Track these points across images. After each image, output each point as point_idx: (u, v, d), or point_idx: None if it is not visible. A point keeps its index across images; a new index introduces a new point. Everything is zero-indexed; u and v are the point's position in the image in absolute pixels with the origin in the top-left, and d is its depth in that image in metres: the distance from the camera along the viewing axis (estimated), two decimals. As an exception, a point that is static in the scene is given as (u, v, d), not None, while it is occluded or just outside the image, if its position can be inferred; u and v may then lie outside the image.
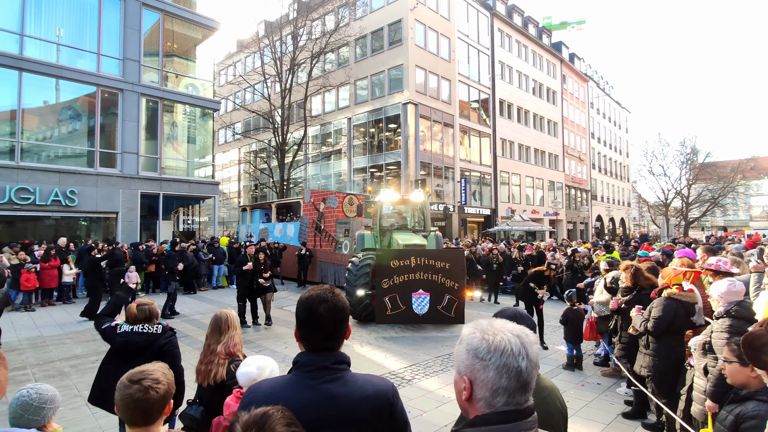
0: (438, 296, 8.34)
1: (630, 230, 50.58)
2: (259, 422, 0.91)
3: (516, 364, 1.00)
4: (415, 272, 8.36)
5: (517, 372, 1.00)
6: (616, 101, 53.22)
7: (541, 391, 1.59)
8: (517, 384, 1.01)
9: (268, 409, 0.95)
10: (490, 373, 1.01)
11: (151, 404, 1.54)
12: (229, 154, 38.86)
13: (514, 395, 1.01)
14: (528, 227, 29.09)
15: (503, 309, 1.71)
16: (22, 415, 2.01)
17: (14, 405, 2.03)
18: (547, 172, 37.13)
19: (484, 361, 1.02)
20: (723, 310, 3.26)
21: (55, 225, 15.88)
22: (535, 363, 1.04)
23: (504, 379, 1.00)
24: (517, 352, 1.01)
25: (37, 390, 2.08)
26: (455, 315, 8.39)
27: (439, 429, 4.42)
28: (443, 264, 8.43)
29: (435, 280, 8.38)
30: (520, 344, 1.02)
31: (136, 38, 15.93)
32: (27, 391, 2.05)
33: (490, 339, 1.03)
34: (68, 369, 6.36)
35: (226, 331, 2.84)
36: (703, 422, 3.35)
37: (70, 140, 15.36)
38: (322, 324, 1.38)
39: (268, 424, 0.90)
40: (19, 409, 2.02)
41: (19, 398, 2.02)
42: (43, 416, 2.06)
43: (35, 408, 2.03)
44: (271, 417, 0.92)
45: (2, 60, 13.14)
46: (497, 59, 32.19)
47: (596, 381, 5.99)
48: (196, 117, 18.90)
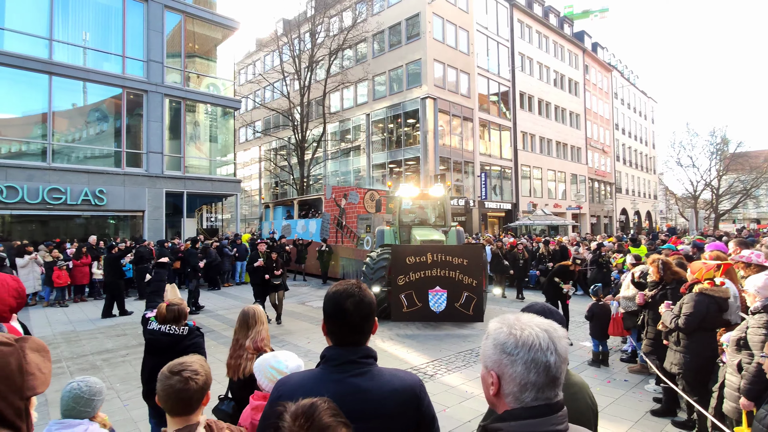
0: (456, 293, 8.17)
1: (656, 224, 49.18)
2: (307, 412, 0.93)
3: (544, 359, 0.99)
4: (431, 269, 8.20)
5: (545, 367, 0.99)
6: (641, 91, 51.67)
7: (570, 387, 1.56)
8: (545, 379, 1.00)
9: (315, 399, 0.97)
10: (518, 368, 1.00)
11: (191, 394, 1.60)
12: (249, 152, 39.42)
13: (543, 390, 1.00)
14: (550, 221, 28.61)
15: (532, 304, 1.69)
16: (74, 407, 2.11)
17: (66, 397, 2.13)
18: (570, 165, 36.39)
19: (512, 356, 1.01)
20: (760, 305, 3.14)
21: (85, 224, 16.42)
22: (563, 358, 1.02)
23: (532, 374, 0.99)
24: (546, 347, 1.00)
25: (87, 383, 2.18)
26: (474, 313, 8.20)
27: (462, 424, 4.41)
28: (461, 260, 8.22)
29: (452, 277, 8.19)
30: (549, 339, 1.01)
31: (159, 40, 16.28)
32: (77, 384, 2.15)
33: (517, 334, 1.02)
34: (100, 362, 6.59)
35: (254, 326, 2.89)
36: (737, 420, 3.25)
37: (98, 141, 15.85)
38: (349, 318, 1.39)
39: (316, 414, 0.93)
40: (71, 401, 2.11)
41: (71, 391, 2.12)
42: (93, 407, 2.16)
43: (86, 400, 2.13)
44: (318, 407, 0.95)
45: (33, 65, 13.62)
46: (517, 51, 31.64)
47: (623, 378, 5.86)
48: (217, 116, 19.22)
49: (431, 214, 11.34)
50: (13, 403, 0.98)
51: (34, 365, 1.04)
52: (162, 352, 3.04)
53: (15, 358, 1.01)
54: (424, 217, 11.17)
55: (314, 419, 0.92)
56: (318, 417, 0.93)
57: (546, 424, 0.99)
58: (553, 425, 0.99)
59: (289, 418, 0.94)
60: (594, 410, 1.63)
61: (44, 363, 1.08)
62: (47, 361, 1.10)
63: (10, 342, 1.03)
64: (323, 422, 0.93)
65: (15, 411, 0.98)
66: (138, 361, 6.54)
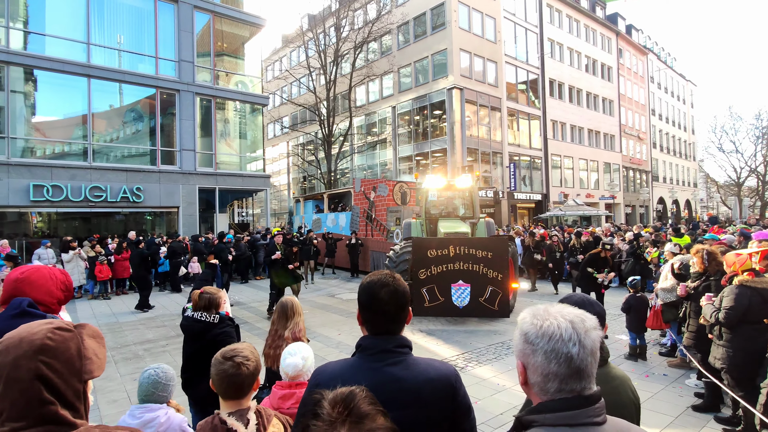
0: (480, 288, 7.82)
1: (696, 213, 47.06)
2: (346, 399, 0.93)
3: (565, 350, 0.99)
4: (454, 262, 7.87)
5: (567, 358, 0.99)
6: (679, 74, 49.27)
7: (612, 380, 1.52)
8: (567, 370, 0.99)
9: (353, 387, 0.97)
10: (539, 357, 1.01)
11: (243, 379, 1.68)
12: (278, 148, 40.05)
13: (566, 381, 1.00)
14: (582, 212, 27.82)
15: (570, 295, 1.65)
16: (153, 392, 2.26)
17: (145, 383, 2.27)
18: (603, 153, 35.20)
19: (533, 345, 1.02)
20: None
21: (124, 220, 17.15)
22: (591, 350, 1.01)
23: (553, 365, 0.99)
24: (567, 338, 0.99)
25: (162, 369, 2.33)
26: (499, 308, 7.82)
27: (493, 417, 4.38)
28: (485, 253, 7.85)
29: (476, 271, 7.84)
30: (572, 330, 1.00)
31: (189, 40, 16.69)
32: (154, 371, 2.30)
33: (538, 323, 1.03)
34: (142, 352, 6.89)
35: (292, 317, 2.98)
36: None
37: (134, 140, 16.47)
38: (384, 307, 1.41)
39: (354, 401, 0.93)
40: (151, 387, 2.26)
41: (149, 377, 2.28)
42: (169, 392, 2.31)
43: (163, 385, 2.28)
44: (356, 395, 0.95)
45: (73, 68, 14.24)
46: (546, 37, 30.72)
47: (662, 372, 5.67)
48: (246, 113, 19.60)
49: (459, 205, 11.13)
50: (73, 386, 1.04)
51: (91, 350, 1.11)
52: (194, 339, 3.14)
53: (75, 342, 1.07)
54: (451, 209, 10.97)
55: (353, 407, 0.92)
56: (356, 405, 0.93)
57: (582, 416, 0.98)
58: (589, 417, 0.98)
59: (327, 406, 0.93)
60: (636, 404, 1.59)
61: (99, 348, 1.15)
62: (102, 347, 1.17)
63: (70, 328, 1.10)
64: (362, 410, 0.92)
65: (74, 393, 1.05)
66: (177, 351, 6.81)
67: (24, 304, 1.97)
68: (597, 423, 0.99)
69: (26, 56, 13.57)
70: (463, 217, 10.46)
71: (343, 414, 0.91)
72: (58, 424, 1.01)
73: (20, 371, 0.98)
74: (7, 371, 0.98)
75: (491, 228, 10.45)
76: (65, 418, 1.01)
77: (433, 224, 10.15)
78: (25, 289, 2.00)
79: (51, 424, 1.00)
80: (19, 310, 1.95)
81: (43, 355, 1.00)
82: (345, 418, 0.90)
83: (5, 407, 0.98)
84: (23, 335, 1.03)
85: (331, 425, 0.89)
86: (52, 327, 1.06)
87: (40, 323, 1.07)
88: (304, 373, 2.23)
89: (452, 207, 10.99)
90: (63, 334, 1.06)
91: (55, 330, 1.06)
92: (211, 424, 1.59)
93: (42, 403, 0.99)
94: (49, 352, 1.01)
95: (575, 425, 0.98)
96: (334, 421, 0.90)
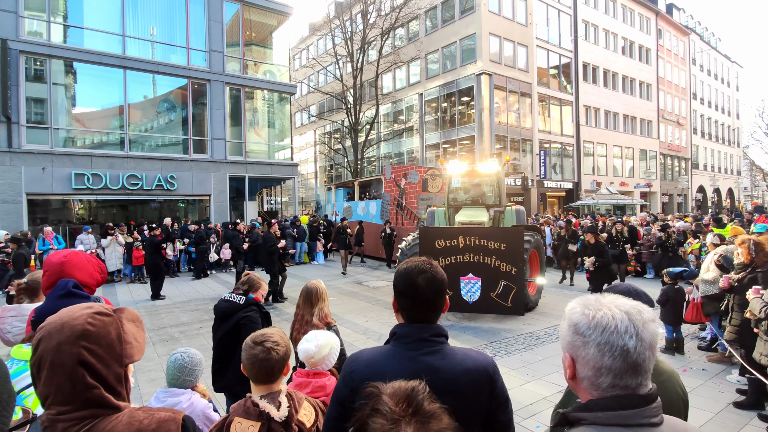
0: (491, 282, 7.28)
1: (739, 202, 44.75)
2: (409, 396, 0.88)
3: (621, 343, 0.92)
4: (463, 253, 7.34)
5: (623, 351, 0.92)
6: (724, 55, 46.52)
7: (659, 375, 1.46)
8: (623, 365, 0.93)
9: (414, 383, 0.92)
10: (591, 350, 0.95)
11: (273, 364, 1.70)
12: (305, 137, 40.36)
13: (621, 377, 0.93)
14: (616, 201, 26.90)
15: (616, 284, 1.59)
16: (179, 376, 2.29)
17: (172, 368, 2.30)
18: (639, 139, 33.80)
19: (584, 337, 0.96)
20: None
21: (159, 207, 17.74)
22: (649, 343, 0.94)
23: (607, 358, 0.93)
24: (623, 330, 0.93)
25: (189, 354, 2.35)
26: (513, 304, 7.26)
27: (522, 407, 4.33)
28: (498, 245, 7.24)
29: (488, 263, 7.27)
30: (628, 321, 0.94)
31: (219, 30, 16.91)
32: (180, 356, 2.32)
33: (590, 314, 0.97)
34: (177, 334, 7.15)
35: (317, 302, 3.00)
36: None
37: (167, 130, 16.92)
38: (421, 295, 1.38)
39: (418, 399, 0.88)
40: (177, 371, 2.29)
41: (176, 361, 2.30)
42: (195, 377, 2.34)
43: (189, 370, 2.30)
44: (420, 392, 0.90)
45: (110, 60, 14.69)
46: (581, 18, 29.52)
47: (701, 366, 5.46)
48: (274, 102, 19.79)
49: (485, 192, 10.34)
50: (115, 370, 1.06)
51: (131, 334, 1.13)
52: (221, 320, 3.18)
53: (114, 327, 1.09)
54: (476, 196, 10.23)
55: (419, 405, 0.87)
56: (421, 402, 0.87)
57: (638, 417, 0.92)
58: (646, 418, 0.92)
59: (389, 401, 0.87)
60: (685, 400, 1.52)
61: (139, 332, 1.17)
62: (141, 331, 1.19)
63: (110, 312, 1.11)
64: (428, 409, 0.87)
65: (116, 377, 1.07)
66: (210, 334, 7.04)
67: (69, 285, 2.06)
68: (654, 424, 0.93)
69: (66, 49, 14.08)
70: (489, 205, 9.80)
71: (409, 412, 0.85)
72: (103, 407, 1.03)
73: (63, 356, 1.00)
74: (51, 356, 1.00)
75: (521, 216, 9.83)
76: (109, 402, 1.04)
77: (456, 213, 9.70)
78: (71, 271, 2.09)
79: (96, 407, 1.02)
80: (65, 291, 2.04)
81: (84, 340, 1.02)
82: (411, 416, 0.84)
83: (51, 392, 1.00)
84: (65, 320, 1.05)
85: (395, 423, 0.83)
86: (92, 312, 1.07)
87: (81, 307, 1.09)
88: (318, 361, 2.19)
89: (477, 194, 10.29)
90: (103, 319, 1.08)
91: (95, 315, 1.07)
92: (243, 406, 1.61)
93: (87, 387, 1.01)
94: (90, 338, 1.03)
95: (630, 425, 0.92)
96: (399, 420, 0.83)
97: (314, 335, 2.30)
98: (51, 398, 1.01)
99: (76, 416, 1.00)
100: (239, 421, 1.57)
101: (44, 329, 1.04)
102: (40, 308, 2.05)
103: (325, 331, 2.44)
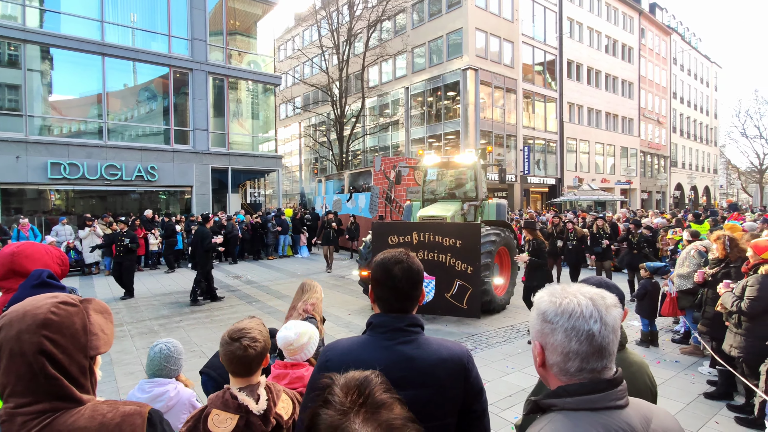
0: (446, 281, 6.77)
1: (715, 199, 46.00)
2: (360, 386, 0.85)
3: (587, 327, 0.95)
4: (417, 250, 6.71)
5: (588, 335, 0.95)
6: (704, 55, 47.54)
7: (629, 366, 1.50)
8: (589, 348, 0.96)
9: (367, 373, 0.90)
10: (559, 336, 0.98)
11: (251, 359, 1.69)
12: (290, 129, 39.95)
13: (588, 360, 0.97)
14: (597, 197, 27.38)
15: (588, 277, 1.62)
16: (165, 366, 2.29)
17: (157, 358, 2.29)
18: (620, 137, 34.41)
19: (552, 324, 0.99)
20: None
21: (139, 198, 17.37)
22: (612, 327, 0.97)
23: (574, 343, 0.96)
24: (588, 315, 0.96)
25: (173, 344, 2.36)
26: (468, 306, 6.75)
27: (502, 399, 4.40)
28: (453, 241, 6.75)
29: (442, 261, 6.80)
30: (593, 307, 0.97)
31: (201, 18, 16.54)
32: (165, 345, 2.33)
33: (557, 301, 1.00)
34: (157, 327, 7.04)
35: (306, 292, 3.07)
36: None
37: (148, 119, 16.55)
38: (397, 284, 1.39)
39: (369, 389, 0.85)
40: (163, 360, 2.28)
41: (160, 351, 2.30)
42: (179, 366, 2.35)
43: (174, 359, 2.31)
44: (371, 381, 0.87)
45: (88, 46, 14.26)
46: (565, 16, 29.79)
47: (674, 359, 5.62)
48: (258, 93, 19.51)
49: (461, 185, 9.64)
50: (78, 361, 1.03)
51: (98, 326, 1.09)
52: None
53: (80, 318, 1.06)
54: (453, 189, 9.58)
55: (369, 395, 0.84)
56: (372, 392, 0.84)
57: (605, 400, 0.95)
58: (612, 401, 0.95)
59: (339, 392, 0.84)
60: (653, 391, 1.56)
61: (107, 324, 1.13)
62: (109, 323, 1.15)
63: (76, 303, 1.08)
64: (379, 399, 0.84)
65: (79, 368, 1.03)
66: (191, 327, 6.96)
67: (44, 276, 1.99)
68: (620, 406, 0.96)
69: (42, 34, 13.61)
70: (466, 198, 9.12)
71: (358, 402, 0.82)
72: (64, 400, 1.00)
73: (23, 345, 0.97)
74: (11, 345, 0.97)
75: (501, 210, 9.31)
76: (72, 394, 1.00)
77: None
78: (23, 262, 2.02)
79: (57, 399, 0.99)
80: (39, 281, 1.97)
81: (46, 329, 0.99)
82: (360, 407, 0.81)
83: (10, 381, 0.97)
84: (27, 309, 1.02)
85: (344, 415, 0.80)
86: (56, 301, 1.04)
87: (46, 296, 1.06)
88: (297, 349, 2.18)
89: (454, 187, 9.63)
90: (68, 308, 1.04)
91: (60, 304, 1.04)
92: (222, 398, 1.59)
93: (47, 378, 0.97)
94: (52, 327, 1.00)
95: (598, 409, 0.94)
96: (347, 411, 0.81)
97: (294, 323, 2.29)
98: (10, 389, 0.97)
99: (36, 409, 0.97)
100: (217, 413, 1.56)
101: (6, 317, 1.01)
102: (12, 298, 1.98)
103: (305, 321, 2.43)
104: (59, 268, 2.15)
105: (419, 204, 9.56)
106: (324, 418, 0.81)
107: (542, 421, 0.98)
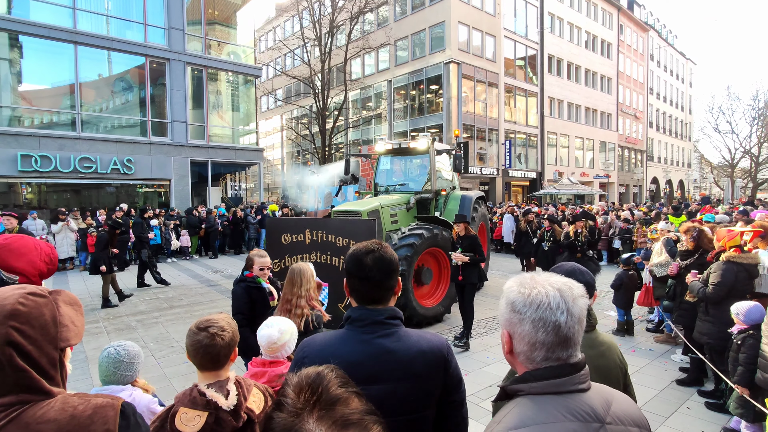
0: (340, 290, 5.42)
1: (689, 193, 47.38)
2: (313, 384, 0.80)
3: (553, 319, 0.98)
4: (309, 252, 5.89)
5: (554, 326, 0.98)
6: (680, 52, 48.69)
7: (599, 345, 1.55)
8: (555, 338, 0.98)
9: (320, 369, 0.84)
10: (526, 326, 1.00)
11: (218, 350, 1.63)
12: (271, 121, 39.42)
13: (553, 350, 0.99)
14: (576, 190, 27.94)
15: (561, 264, 1.64)
16: (115, 372, 2.05)
17: (105, 363, 2.05)
18: (599, 132, 35.06)
19: (521, 314, 1.01)
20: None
21: (115, 192, 16.92)
22: (578, 318, 1.00)
23: (540, 333, 0.98)
24: (555, 306, 0.98)
25: (124, 347, 2.10)
26: None
27: (482, 389, 4.47)
28: (346, 242, 5.73)
29: (334, 265, 5.73)
30: (560, 298, 0.99)
31: (179, 6, 16.10)
32: (114, 349, 2.07)
33: (526, 292, 1.01)
34: (134, 323, 6.91)
35: (299, 282, 2.88)
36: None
37: (124, 111, 16.09)
38: (369, 273, 1.38)
39: (322, 385, 0.80)
40: (112, 366, 2.04)
41: (109, 356, 2.05)
42: (134, 371, 2.11)
43: (126, 364, 2.07)
44: (325, 377, 0.82)
45: (59, 34, 13.73)
46: (547, 11, 30.06)
47: (648, 347, 5.79)
48: (239, 84, 19.16)
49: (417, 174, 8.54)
50: (48, 353, 1.01)
51: (68, 317, 1.07)
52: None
53: (49, 309, 1.03)
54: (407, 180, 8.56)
55: (323, 392, 0.79)
56: (326, 388, 0.80)
57: (569, 384, 0.98)
58: (575, 384, 0.98)
59: (291, 393, 0.79)
60: (623, 368, 1.62)
61: (77, 316, 1.11)
62: (80, 315, 1.13)
63: (45, 294, 1.06)
64: (333, 394, 0.79)
65: (49, 360, 1.01)
66: (170, 323, 6.85)
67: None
68: (582, 390, 0.99)
69: (10, 21, 13.05)
70: (421, 190, 8.02)
71: (311, 401, 0.77)
72: (33, 392, 0.98)
73: None
74: None
75: (467, 204, 8.17)
76: (41, 386, 0.98)
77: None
78: (7, 258, 1.95)
79: (25, 392, 0.97)
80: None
81: (14, 320, 0.96)
82: (313, 405, 0.76)
83: None
84: None
85: (296, 416, 0.75)
86: (24, 292, 1.02)
87: (14, 288, 1.03)
88: (279, 347, 2.12)
89: (407, 176, 8.66)
90: (36, 299, 1.02)
91: (28, 295, 1.02)
92: (189, 396, 1.53)
93: (15, 369, 0.95)
94: (20, 318, 0.97)
95: (561, 393, 0.97)
96: (299, 412, 0.75)
97: (275, 320, 2.23)
98: None
99: (4, 402, 0.94)
100: (185, 411, 1.50)
101: None
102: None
103: (285, 318, 2.39)
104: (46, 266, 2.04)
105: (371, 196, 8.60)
106: (277, 421, 0.76)
107: (509, 406, 1.01)
